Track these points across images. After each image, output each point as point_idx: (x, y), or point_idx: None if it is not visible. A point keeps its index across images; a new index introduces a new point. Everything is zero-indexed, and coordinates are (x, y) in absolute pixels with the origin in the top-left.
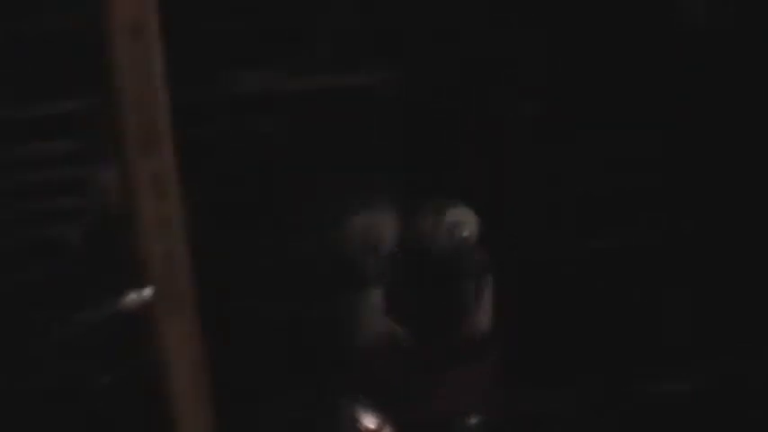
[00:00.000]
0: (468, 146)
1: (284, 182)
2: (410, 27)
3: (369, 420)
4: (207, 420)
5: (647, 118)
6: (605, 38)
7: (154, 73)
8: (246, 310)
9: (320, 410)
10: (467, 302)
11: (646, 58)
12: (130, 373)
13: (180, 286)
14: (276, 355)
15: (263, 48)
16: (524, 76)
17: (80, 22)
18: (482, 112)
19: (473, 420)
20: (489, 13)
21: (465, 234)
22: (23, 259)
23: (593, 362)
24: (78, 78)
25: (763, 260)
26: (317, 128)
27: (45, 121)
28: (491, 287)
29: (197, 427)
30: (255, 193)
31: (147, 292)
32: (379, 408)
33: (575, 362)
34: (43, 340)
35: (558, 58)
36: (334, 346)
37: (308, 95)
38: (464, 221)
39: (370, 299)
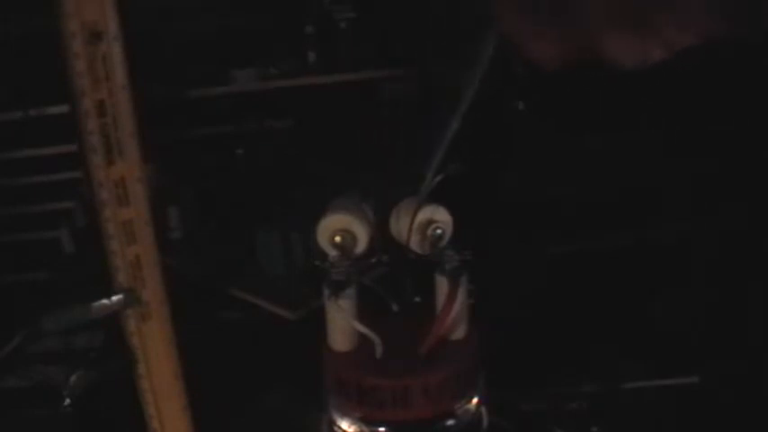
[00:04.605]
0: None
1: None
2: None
3: (344, 425)
4: (185, 427)
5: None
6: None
7: (115, 77)
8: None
9: (297, 416)
10: (440, 303)
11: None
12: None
13: (150, 291)
14: (253, 358)
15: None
16: (523, 74)
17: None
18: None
19: (449, 423)
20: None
21: (438, 232)
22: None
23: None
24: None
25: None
26: (296, 125)
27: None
28: (466, 287)
29: None
30: (229, 190)
31: (118, 297)
32: (354, 412)
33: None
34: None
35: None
36: (310, 350)
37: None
38: (438, 219)
39: (342, 301)
